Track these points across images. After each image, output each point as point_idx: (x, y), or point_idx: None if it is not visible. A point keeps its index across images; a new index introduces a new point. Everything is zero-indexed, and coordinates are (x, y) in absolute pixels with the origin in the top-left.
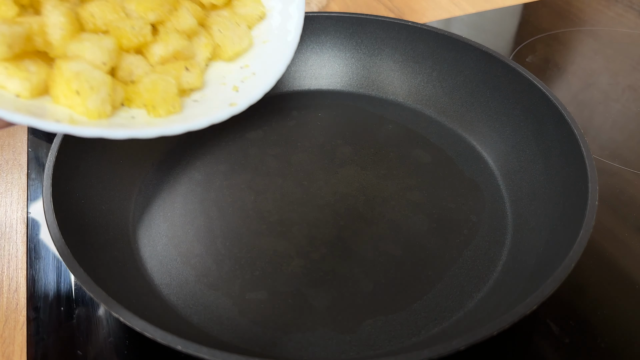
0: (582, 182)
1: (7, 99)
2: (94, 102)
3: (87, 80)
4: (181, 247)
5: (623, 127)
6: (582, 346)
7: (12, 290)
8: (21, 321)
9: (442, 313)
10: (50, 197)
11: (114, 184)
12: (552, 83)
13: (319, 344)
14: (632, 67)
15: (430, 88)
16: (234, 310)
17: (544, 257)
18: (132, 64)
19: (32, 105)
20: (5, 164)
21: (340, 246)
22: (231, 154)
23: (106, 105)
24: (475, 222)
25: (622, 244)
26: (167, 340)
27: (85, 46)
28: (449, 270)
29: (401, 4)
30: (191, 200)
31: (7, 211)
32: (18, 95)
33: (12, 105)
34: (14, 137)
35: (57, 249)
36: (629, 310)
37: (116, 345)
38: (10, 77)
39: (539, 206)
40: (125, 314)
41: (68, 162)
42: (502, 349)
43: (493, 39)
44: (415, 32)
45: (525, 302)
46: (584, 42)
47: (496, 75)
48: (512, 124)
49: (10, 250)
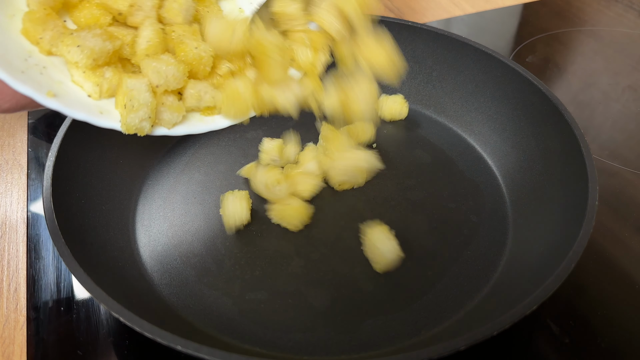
0: (582, 182)
1: (77, 97)
2: (132, 119)
3: (134, 99)
4: (181, 247)
5: (623, 127)
6: (582, 346)
7: (12, 290)
8: (21, 321)
9: (442, 313)
10: (50, 197)
11: (114, 184)
12: (552, 83)
13: (319, 344)
14: (632, 67)
15: (430, 88)
16: (234, 310)
17: (544, 257)
18: (201, 90)
19: (98, 105)
20: (5, 164)
21: (340, 246)
22: (231, 154)
23: (144, 123)
24: (475, 222)
25: (622, 244)
26: (167, 340)
27: (151, 66)
28: (449, 270)
29: (401, 4)
30: (191, 200)
31: (7, 211)
32: (89, 95)
33: (79, 104)
34: (14, 137)
35: (57, 249)
36: (629, 310)
37: (116, 345)
38: (87, 80)
39: (539, 206)
40: (125, 314)
41: (68, 162)
42: (502, 349)
43: (493, 39)
44: (415, 32)
45: (525, 302)
46: (584, 42)
47: (496, 75)
48: (512, 124)
49: (10, 250)
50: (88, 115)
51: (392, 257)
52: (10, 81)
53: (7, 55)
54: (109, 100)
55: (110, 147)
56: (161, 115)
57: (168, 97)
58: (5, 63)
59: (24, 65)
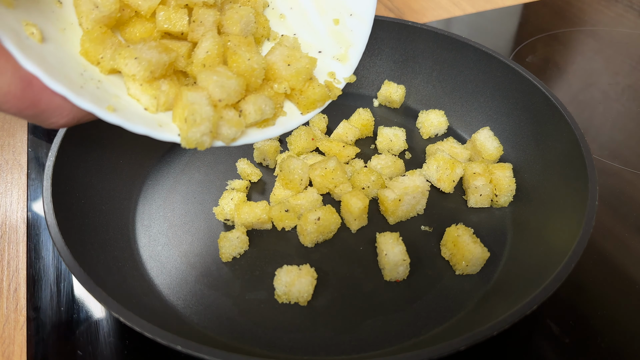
0: (582, 182)
1: (135, 110)
2: (193, 133)
3: (195, 113)
4: (181, 247)
5: (623, 127)
6: (582, 346)
7: (12, 290)
8: (21, 321)
9: (442, 313)
10: (50, 197)
11: (114, 184)
12: (552, 83)
13: (319, 344)
14: (632, 67)
15: (430, 88)
16: (234, 310)
17: (544, 257)
18: (262, 104)
19: (156, 118)
20: (5, 164)
21: (340, 246)
22: (231, 154)
23: (205, 137)
24: (475, 222)
25: (622, 244)
26: (167, 340)
27: (211, 79)
28: (449, 270)
29: (401, 4)
30: (191, 200)
31: (7, 211)
32: (146, 109)
33: (138, 118)
34: (14, 137)
35: (57, 249)
36: (629, 310)
37: (116, 345)
38: (143, 93)
39: (539, 206)
40: (125, 314)
41: (68, 162)
42: (502, 349)
43: (493, 39)
44: (415, 32)
45: (525, 302)
46: (584, 42)
47: (496, 75)
48: (512, 124)
49: (10, 250)
50: (148, 129)
51: (403, 273)
52: (72, 97)
53: (64, 71)
54: (165, 113)
55: (110, 147)
56: (220, 130)
57: (228, 111)
58: (64, 79)
59: (81, 80)
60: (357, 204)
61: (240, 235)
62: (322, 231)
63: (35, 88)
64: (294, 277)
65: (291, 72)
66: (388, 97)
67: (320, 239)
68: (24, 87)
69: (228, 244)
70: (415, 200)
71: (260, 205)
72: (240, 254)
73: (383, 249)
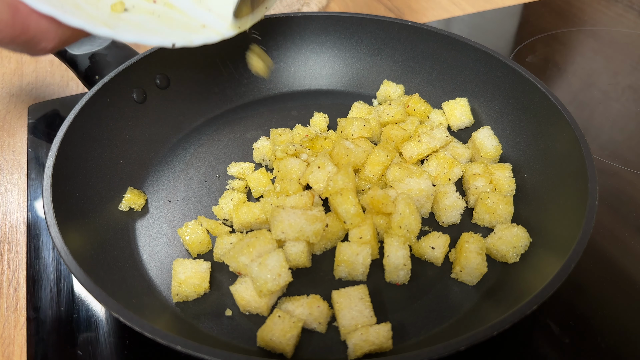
0: (582, 182)
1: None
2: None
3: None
4: (181, 247)
5: (623, 127)
6: (582, 346)
7: (12, 290)
8: (21, 321)
9: (442, 313)
10: (50, 197)
11: (114, 183)
12: (552, 83)
13: (319, 344)
14: (632, 67)
15: (430, 88)
16: (233, 310)
17: (544, 257)
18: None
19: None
20: (5, 164)
21: None
22: (231, 154)
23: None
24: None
25: (622, 244)
26: (167, 340)
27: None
28: (449, 270)
29: (401, 4)
30: (191, 201)
31: (7, 211)
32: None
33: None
34: (14, 137)
35: (57, 249)
36: (629, 310)
37: (116, 345)
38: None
39: (539, 206)
40: (125, 314)
41: (68, 162)
42: (502, 349)
43: (493, 39)
44: (415, 32)
45: (525, 302)
46: (584, 42)
47: (496, 75)
48: (512, 124)
49: (10, 250)
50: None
51: (403, 278)
52: (59, 16)
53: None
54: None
55: (110, 147)
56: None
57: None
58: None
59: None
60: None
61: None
62: (330, 238)
63: (23, 13)
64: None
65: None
66: (387, 97)
67: (329, 245)
68: (13, 13)
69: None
70: (420, 204)
71: (259, 206)
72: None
73: (387, 250)
